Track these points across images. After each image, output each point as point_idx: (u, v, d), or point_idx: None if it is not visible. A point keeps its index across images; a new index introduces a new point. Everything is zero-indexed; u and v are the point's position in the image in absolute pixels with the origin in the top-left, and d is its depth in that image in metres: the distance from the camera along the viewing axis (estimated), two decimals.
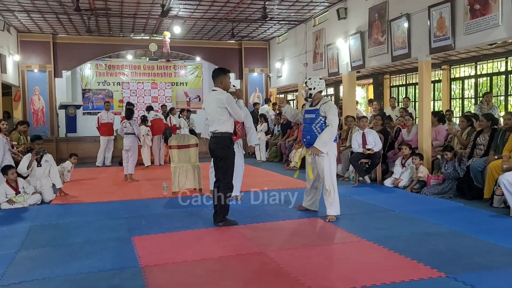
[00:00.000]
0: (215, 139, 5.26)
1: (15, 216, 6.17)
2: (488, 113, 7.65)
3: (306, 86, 5.73)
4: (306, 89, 5.73)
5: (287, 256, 4.22)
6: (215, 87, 5.36)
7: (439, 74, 12.82)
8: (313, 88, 5.67)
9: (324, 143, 5.43)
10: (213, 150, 5.31)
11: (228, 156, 5.24)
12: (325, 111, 5.50)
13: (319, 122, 5.53)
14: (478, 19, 6.70)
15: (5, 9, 10.56)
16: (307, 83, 5.73)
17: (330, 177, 5.54)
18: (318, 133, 5.49)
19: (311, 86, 5.68)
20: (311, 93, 5.68)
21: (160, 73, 17.81)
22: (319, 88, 5.68)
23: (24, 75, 13.12)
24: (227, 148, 5.24)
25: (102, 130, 11.85)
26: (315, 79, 5.74)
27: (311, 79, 5.75)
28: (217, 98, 5.24)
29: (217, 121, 5.22)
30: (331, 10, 11.04)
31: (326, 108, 5.52)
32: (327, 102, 5.60)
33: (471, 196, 6.60)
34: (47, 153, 7.47)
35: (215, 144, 5.26)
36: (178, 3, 10.36)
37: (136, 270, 3.89)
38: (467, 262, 3.94)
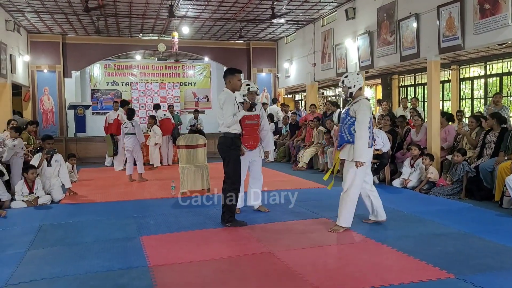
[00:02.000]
0: (220, 139, 5.37)
1: (25, 215, 6.23)
2: (494, 112, 7.60)
3: (343, 85, 5.08)
4: (345, 89, 5.08)
5: (295, 256, 4.21)
6: (224, 88, 5.42)
7: (448, 74, 12.73)
8: (353, 86, 5.01)
9: (361, 152, 4.82)
10: (219, 150, 5.42)
11: (229, 157, 5.28)
12: (355, 111, 4.91)
13: (347, 122, 4.97)
14: (488, 19, 6.64)
15: (15, 10, 10.66)
16: (345, 81, 5.06)
17: (350, 184, 5.00)
18: (345, 134, 4.97)
19: (350, 84, 5.01)
20: (351, 92, 5.02)
21: (168, 73, 17.85)
22: (359, 84, 5.03)
23: (34, 76, 13.23)
24: (228, 148, 5.26)
25: (110, 130, 11.88)
26: (353, 75, 5.08)
27: (348, 76, 5.08)
28: (218, 99, 5.41)
29: (220, 122, 5.33)
30: (339, 10, 11.01)
31: (356, 107, 4.91)
32: (359, 101, 4.96)
33: (480, 197, 6.56)
34: (57, 153, 7.53)
35: (220, 144, 5.38)
36: (186, 3, 10.39)
37: (144, 269, 3.91)
38: (476, 263, 3.92)
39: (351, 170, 4.97)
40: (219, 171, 5.83)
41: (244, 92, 5.75)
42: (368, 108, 4.96)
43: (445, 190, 6.91)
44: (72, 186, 7.76)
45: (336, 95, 18.33)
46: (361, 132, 4.83)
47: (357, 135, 4.84)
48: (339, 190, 7.60)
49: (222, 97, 5.30)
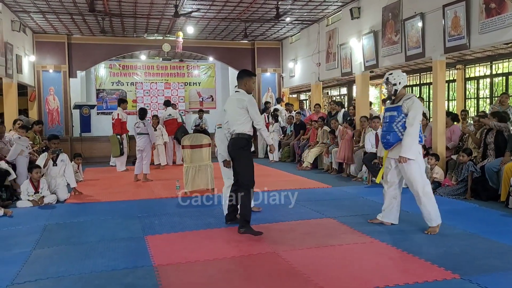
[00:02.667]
0: (232, 140, 5.18)
1: (30, 214, 6.25)
2: (496, 111, 7.56)
3: (388, 82, 5.07)
4: (389, 86, 5.08)
5: (300, 256, 4.21)
6: (238, 89, 5.28)
7: (454, 74, 12.67)
8: (398, 83, 5.03)
9: (408, 148, 4.84)
10: (230, 152, 5.23)
11: (241, 157, 5.12)
12: (407, 107, 4.89)
13: (401, 120, 4.93)
14: (494, 18, 6.61)
15: (21, 10, 10.71)
16: (389, 78, 5.06)
17: (421, 183, 4.94)
18: (400, 132, 4.93)
19: (395, 81, 5.03)
20: (396, 89, 5.03)
21: (173, 73, 17.89)
22: (404, 82, 5.07)
23: (40, 75, 13.28)
24: (241, 149, 5.11)
25: (115, 130, 11.91)
26: (398, 73, 5.11)
27: (392, 74, 5.09)
28: (238, 99, 5.16)
29: (236, 122, 5.12)
30: (344, 9, 10.99)
31: (409, 103, 4.89)
32: (410, 98, 4.97)
33: (486, 197, 6.53)
34: (63, 153, 7.56)
35: (233, 145, 5.16)
36: (191, 3, 10.40)
37: (149, 269, 3.92)
38: (482, 263, 3.90)
39: (415, 169, 4.93)
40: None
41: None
42: (421, 106, 5.02)
43: (450, 190, 6.88)
44: (77, 185, 7.79)
45: (341, 95, 18.30)
46: (413, 129, 4.85)
47: (408, 131, 4.84)
48: (344, 190, 7.66)
49: (246, 98, 5.11)
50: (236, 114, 5.14)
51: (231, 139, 5.19)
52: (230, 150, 5.23)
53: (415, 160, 4.90)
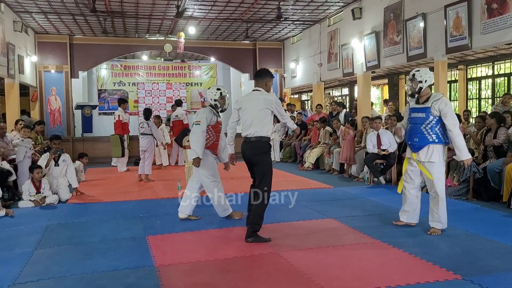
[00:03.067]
0: (252, 143, 4.73)
1: (32, 214, 6.26)
2: (495, 111, 7.55)
3: (414, 79, 4.88)
4: (414, 83, 4.88)
5: (301, 256, 4.21)
6: (257, 87, 4.91)
7: (456, 74, 12.66)
8: (424, 81, 4.84)
9: (464, 148, 4.78)
10: (250, 156, 4.76)
11: (267, 162, 4.76)
12: (440, 110, 4.73)
13: (431, 122, 4.79)
14: (496, 19, 6.60)
15: (23, 10, 10.73)
16: (416, 75, 4.87)
17: (443, 185, 4.96)
18: (429, 135, 4.81)
19: (422, 78, 4.83)
20: (421, 86, 4.84)
21: (175, 73, 17.91)
22: (430, 80, 4.89)
23: (41, 76, 13.31)
24: (264, 154, 4.75)
25: (116, 130, 11.91)
26: (425, 70, 4.92)
27: (420, 71, 4.90)
28: (265, 99, 4.78)
29: (259, 123, 4.71)
30: (346, 10, 10.98)
31: (442, 106, 4.72)
32: (440, 99, 4.79)
33: (488, 197, 6.52)
34: (65, 153, 7.57)
35: (253, 149, 4.73)
36: (193, 4, 10.41)
37: (150, 269, 3.92)
38: (484, 264, 3.89)
39: (442, 171, 4.93)
40: (224, 171, 5.83)
41: (215, 97, 5.51)
42: (452, 105, 4.99)
43: (452, 191, 6.87)
44: (79, 186, 7.79)
45: (343, 95, 18.30)
46: (458, 130, 4.74)
47: (456, 133, 4.70)
48: (345, 191, 7.66)
49: (273, 98, 4.84)
50: (262, 114, 4.74)
51: (250, 142, 4.74)
52: (250, 154, 4.76)
53: (439, 162, 4.86)
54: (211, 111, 5.47)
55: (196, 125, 5.33)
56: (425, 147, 4.86)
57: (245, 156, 4.83)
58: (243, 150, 4.84)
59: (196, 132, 5.30)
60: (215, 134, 5.50)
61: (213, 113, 5.47)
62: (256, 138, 4.71)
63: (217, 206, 5.61)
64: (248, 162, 4.86)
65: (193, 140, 5.33)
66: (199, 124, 5.30)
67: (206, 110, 5.47)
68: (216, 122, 5.50)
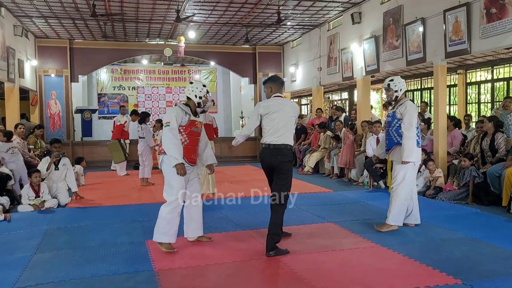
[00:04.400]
0: (279, 150, 4.52)
1: (32, 218, 6.25)
2: (492, 115, 7.56)
3: (389, 88, 5.18)
4: (390, 92, 5.19)
5: (301, 261, 4.20)
6: (279, 94, 4.75)
7: (455, 79, 12.68)
8: (399, 90, 5.16)
9: (410, 152, 4.98)
10: (276, 163, 4.53)
11: (289, 170, 4.57)
12: (401, 113, 5.08)
13: (395, 125, 5.17)
14: (495, 23, 6.62)
15: (24, 15, 10.75)
16: (390, 85, 5.17)
17: (402, 184, 5.12)
18: (395, 137, 5.19)
19: (397, 88, 5.15)
20: (397, 95, 5.17)
21: (174, 77, 17.94)
22: (404, 88, 5.20)
23: (41, 80, 13.32)
24: (289, 162, 4.63)
25: (115, 135, 11.90)
26: (398, 79, 5.21)
27: (393, 80, 5.19)
28: (292, 106, 4.77)
29: (288, 130, 4.60)
30: (345, 14, 11.01)
31: (402, 109, 5.07)
32: (404, 103, 5.12)
33: (488, 202, 6.52)
34: (65, 157, 7.57)
35: (279, 155, 4.52)
36: (193, 8, 10.44)
37: (150, 273, 3.91)
38: (484, 269, 3.89)
39: (401, 170, 5.12)
40: (224, 176, 5.84)
41: (201, 94, 4.83)
42: (414, 109, 5.12)
43: (452, 195, 6.87)
44: (79, 190, 7.79)
45: (342, 99, 18.31)
46: (410, 133, 4.98)
47: (406, 135, 5.00)
48: (345, 195, 7.66)
49: (297, 107, 4.84)
50: (291, 121, 4.65)
51: (276, 149, 4.52)
52: (276, 161, 4.53)
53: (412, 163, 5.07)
54: (182, 109, 4.67)
55: (166, 126, 4.57)
56: (392, 148, 5.27)
57: (269, 162, 4.58)
58: (265, 156, 4.59)
59: (167, 134, 4.54)
60: (187, 136, 4.68)
61: (185, 112, 4.67)
62: (284, 145, 4.54)
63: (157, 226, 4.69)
64: (269, 168, 4.63)
65: (166, 144, 4.53)
66: (169, 125, 4.54)
67: (175, 108, 4.71)
68: (189, 122, 4.68)
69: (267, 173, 4.70)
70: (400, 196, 5.13)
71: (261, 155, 4.69)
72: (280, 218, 4.48)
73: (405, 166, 5.08)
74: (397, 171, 5.16)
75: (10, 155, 7.71)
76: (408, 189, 5.17)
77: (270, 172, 4.64)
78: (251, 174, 10.19)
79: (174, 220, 4.64)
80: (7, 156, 7.66)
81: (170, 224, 4.62)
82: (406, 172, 5.11)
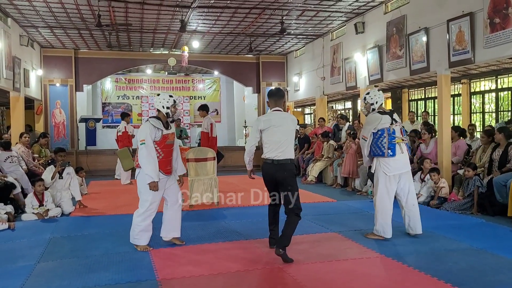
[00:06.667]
0: (283, 166, 4.54)
1: (35, 227, 6.25)
2: (503, 126, 7.52)
3: (365, 102, 5.35)
4: (367, 105, 5.33)
5: (304, 271, 4.18)
6: (278, 107, 4.75)
7: (459, 88, 12.67)
8: (375, 103, 5.29)
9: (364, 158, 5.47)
10: (281, 179, 4.56)
11: (295, 184, 4.60)
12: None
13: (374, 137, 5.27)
14: (498, 33, 6.63)
15: (30, 25, 10.85)
16: (367, 98, 5.33)
17: (374, 193, 5.33)
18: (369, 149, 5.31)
19: (372, 100, 5.29)
20: (373, 108, 5.29)
21: (178, 87, 18.01)
22: (381, 101, 5.31)
23: (47, 89, 13.41)
24: (295, 176, 4.68)
25: (122, 143, 11.92)
26: (375, 92, 5.35)
27: (369, 93, 5.35)
28: (293, 119, 4.81)
29: (289, 145, 4.62)
30: (348, 24, 11.06)
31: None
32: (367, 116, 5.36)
33: (493, 212, 6.47)
34: (70, 166, 7.59)
35: (284, 171, 4.54)
36: (196, 18, 10.51)
37: (153, 283, 3.90)
38: (489, 280, 3.86)
39: (376, 182, 5.29)
40: (228, 185, 5.83)
41: (168, 104, 4.88)
42: (368, 123, 5.23)
43: (457, 205, 6.83)
44: (82, 198, 7.80)
45: (346, 109, 18.32)
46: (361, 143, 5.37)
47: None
48: (349, 204, 7.63)
49: (296, 120, 4.95)
50: (292, 135, 4.72)
51: (280, 165, 4.53)
52: (281, 176, 4.55)
53: (381, 172, 5.17)
54: (153, 125, 4.79)
55: (141, 144, 4.69)
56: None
57: (273, 177, 4.60)
58: (269, 172, 4.61)
59: (143, 152, 4.70)
60: (161, 151, 4.82)
61: (157, 128, 4.79)
62: (286, 160, 4.54)
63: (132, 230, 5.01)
64: (272, 182, 4.66)
65: (143, 162, 4.71)
66: (144, 143, 4.69)
67: (147, 125, 4.80)
68: (162, 137, 4.82)
69: (269, 186, 4.75)
70: (377, 207, 5.25)
71: (264, 170, 4.68)
72: (295, 226, 4.54)
73: (375, 177, 5.27)
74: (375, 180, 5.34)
75: (9, 164, 7.74)
76: (382, 199, 5.18)
77: (274, 185, 4.69)
78: (253, 183, 10.11)
79: (147, 227, 4.99)
80: (6, 165, 7.70)
81: (144, 230, 4.97)
82: (378, 182, 5.22)
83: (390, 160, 5.09)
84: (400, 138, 5.16)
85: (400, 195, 5.25)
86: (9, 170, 7.66)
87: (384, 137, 5.08)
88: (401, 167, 5.17)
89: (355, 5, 9.79)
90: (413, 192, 5.31)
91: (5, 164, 7.69)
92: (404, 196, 5.24)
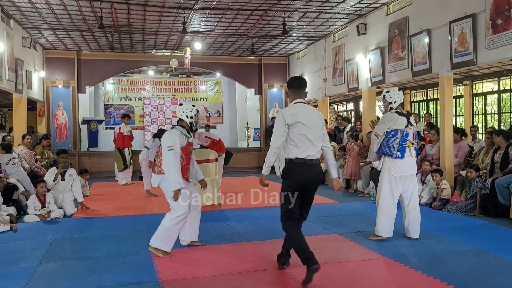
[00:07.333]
0: (316, 167, 4.11)
1: (37, 229, 6.26)
2: (500, 129, 7.52)
3: (384, 100, 5.27)
4: (385, 104, 5.27)
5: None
6: (302, 99, 4.25)
7: (461, 90, 12.64)
8: (394, 102, 5.19)
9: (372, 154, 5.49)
10: (314, 183, 4.15)
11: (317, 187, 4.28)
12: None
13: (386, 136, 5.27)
14: (501, 34, 6.61)
15: (32, 27, 10.88)
16: (386, 96, 5.23)
17: (378, 193, 5.34)
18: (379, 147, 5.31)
19: (391, 100, 5.20)
20: (391, 107, 5.20)
21: (180, 88, 18.03)
22: (400, 100, 5.20)
23: (49, 91, 13.43)
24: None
25: (116, 144, 11.89)
26: (394, 91, 5.23)
27: (389, 92, 5.23)
28: (319, 114, 4.29)
29: (319, 143, 4.14)
30: (350, 26, 11.05)
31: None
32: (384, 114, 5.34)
33: (496, 213, 6.46)
34: (72, 167, 7.61)
35: (318, 175, 4.18)
36: (199, 20, 10.52)
37: (155, 284, 3.90)
38: (491, 281, 3.85)
39: (380, 181, 5.27)
40: (230, 187, 5.83)
41: (192, 114, 4.88)
42: (384, 121, 5.21)
43: (459, 207, 6.82)
44: (84, 200, 7.80)
45: (348, 110, 18.30)
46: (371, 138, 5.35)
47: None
48: (351, 206, 7.62)
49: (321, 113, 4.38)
50: (322, 131, 4.19)
51: (314, 165, 4.06)
52: (316, 180, 4.15)
53: (387, 172, 5.15)
54: (182, 133, 4.80)
55: (170, 150, 4.62)
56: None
57: (308, 180, 4.06)
58: (305, 174, 4.02)
59: (170, 159, 4.63)
60: (185, 158, 4.85)
61: (184, 134, 4.82)
62: (316, 160, 4.08)
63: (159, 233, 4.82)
64: (303, 186, 4.08)
65: (169, 168, 4.64)
66: (172, 149, 4.62)
67: (175, 132, 4.77)
68: (187, 144, 4.85)
69: (298, 191, 4.06)
70: (380, 207, 5.25)
71: (297, 172, 4.03)
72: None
73: (381, 176, 5.25)
74: (379, 181, 5.34)
75: (11, 166, 7.77)
76: (385, 200, 5.17)
77: (302, 190, 4.09)
78: (256, 185, 10.11)
79: (175, 231, 4.83)
80: (8, 167, 7.73)
81: (172, 234, 4.80)
82: (382, 182, 5.22)
83: (398, 162, 5.09)
84: (411, 142, 5.14)
85: (403, 197, 5.25)
86: (11, 171, 7.68)
87: (396, 138, 5.08)
88: (408, 169, 5.17)
89: (357, 7, 9.79)
90: (416, 195, 5.31)
91: (7, 166, 7.71)
92: (407, 198, 5.24)
